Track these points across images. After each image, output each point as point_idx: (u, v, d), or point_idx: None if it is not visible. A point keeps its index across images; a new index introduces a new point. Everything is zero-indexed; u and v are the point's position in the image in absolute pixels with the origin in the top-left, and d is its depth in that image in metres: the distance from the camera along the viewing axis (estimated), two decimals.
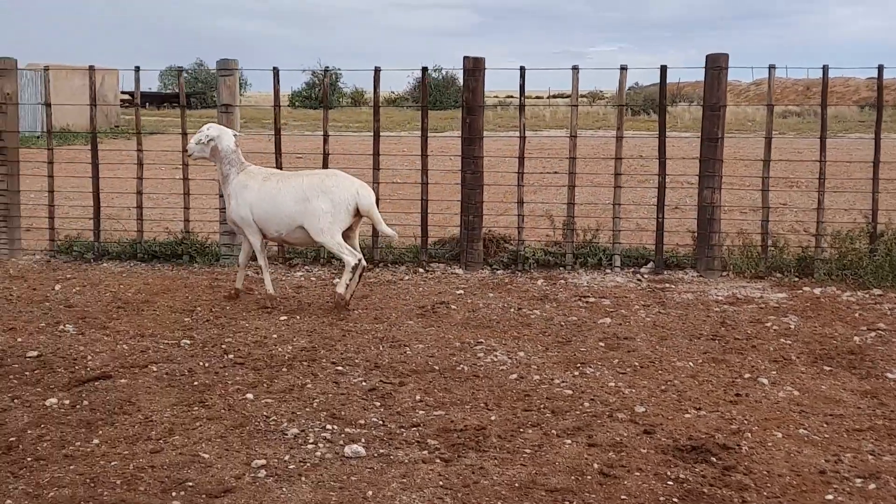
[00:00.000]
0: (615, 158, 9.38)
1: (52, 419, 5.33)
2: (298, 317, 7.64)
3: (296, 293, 8.45)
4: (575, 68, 9.24)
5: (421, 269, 9.37)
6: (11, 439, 5.04)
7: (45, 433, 5.13)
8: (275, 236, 8.00)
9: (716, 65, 9.05)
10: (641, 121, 35.67)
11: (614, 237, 9.39)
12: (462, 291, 8.50)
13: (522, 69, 9.22)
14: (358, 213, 7.80)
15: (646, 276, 9.12)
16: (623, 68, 9.23)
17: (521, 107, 9.51)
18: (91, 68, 10.08)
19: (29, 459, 4.79)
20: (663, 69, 9.25)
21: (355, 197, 7.75)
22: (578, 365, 6.42)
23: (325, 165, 9.58)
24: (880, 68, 9.23)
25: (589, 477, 4.67)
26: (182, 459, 4.81)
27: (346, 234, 7.85)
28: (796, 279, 9.04)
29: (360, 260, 7.80)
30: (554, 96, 58.23)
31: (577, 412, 5.54)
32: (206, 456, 4.86)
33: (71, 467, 4.69)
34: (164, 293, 8.37)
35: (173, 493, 4.44)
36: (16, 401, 5.64)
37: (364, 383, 6.02)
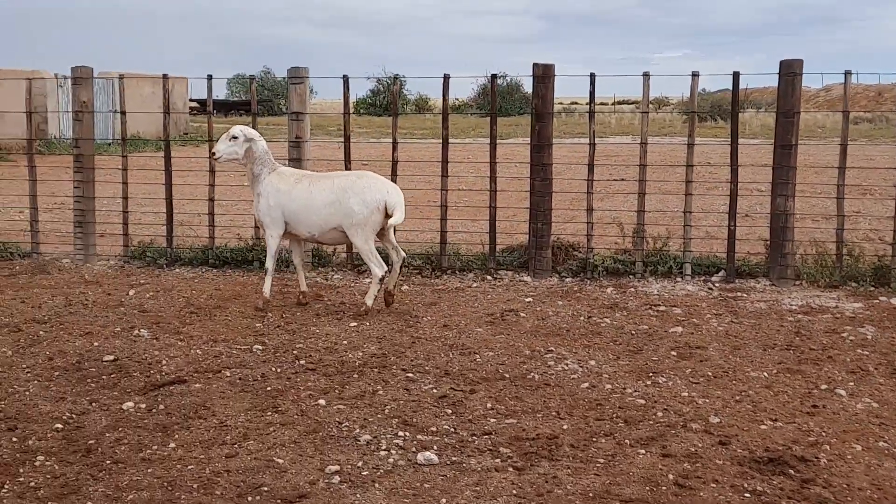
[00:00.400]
0: (686, 165, 9.28)
1: (130, 423, 5.42)
2: (368, 323, 7.67)
3: (364, 299, 8.48)
4: (646, 75, 9.18)
5: (489, 277, 9.35)
6: (90, 442, 5.13)
7: (123, 436, 5.21)
8: (307, 237, 8.15)
9: (790, 71, 8.92)
10: (708, 127, 35.31)
11: (685, 245, 9.30)
12: (531, 299, 8.48)
13: (592, 76, 9.18)
14: (388, 214, 7.86)
15: (717, 284, 9.02)
16: (695, 75, 9.14)
17: (591, 114, 9.46)
18: (164, 77, 10.23)
19: (108, 462, 4.87)
20: (735, 75, 9.15)
21: (385, 197, 7.84)
22: (650, 374, 6.36)
23: (393, 173, 9.61)
24: None
25: (664, 488, 4.63)
26: (257, 464, 4.85)
27: (381, 235, 8.01)
28: (872, 289, 8.87)
29: (386, 272, 7.98)
30: (619, 102, 57.97)
31: (651, 422, 5.49)
32: (281, 461, 4.90)
33: (149, 470, 4.76)
34: (236, 299, 8.46)
35: (249, 498, 4.48)
36: (94, 404, 5.74)
37: (435, 390, 6.03)
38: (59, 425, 5.38)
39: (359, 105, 55.45)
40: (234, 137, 8.09)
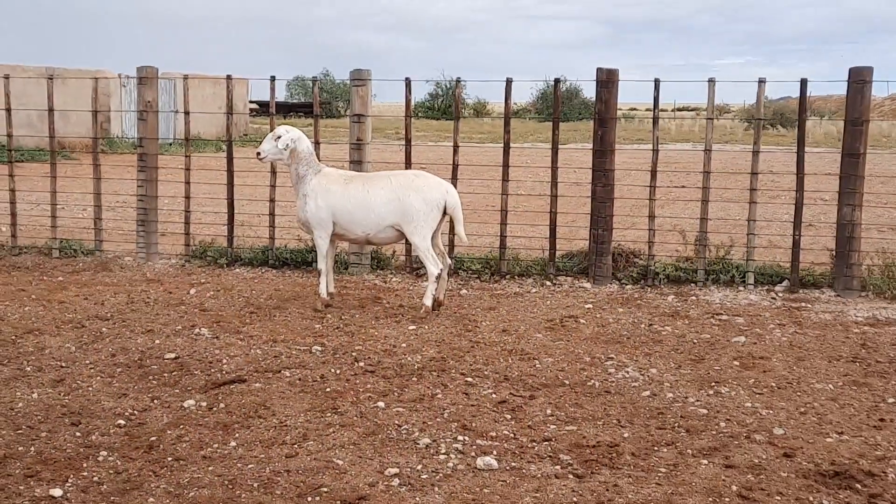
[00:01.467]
0: (751, 173, 9.15)
1: (191, 420, 5.45)
2: (427, 326, 7.66)
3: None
4: (711, 81, 9.06)
5: (548, 282, 9.30)
6: (152, 439, 5.17)
7: (184, 434, 5.24)
8: (361, 237, 8.12)
9: (859, 78, 8.76)
10: (770, 135, 34.85)
11: (748, 254, 9.16)
12: (591, 305, 8.41)
13: (657, 81, 9.08)
14: (444, 213, 7.98)
15: (780, 294, 8.88)
16: (761, 81, 9.01)
17: (655, 119, 9.36)
18: (228, 77, 10.31)
19: (169, 459, 4.90)
20: (803, 83, 9.00)
21: (444, 196, 7.94)
22: (713, 384, 6.27)
23: (454, 177, 9.59)
24: None
25: (727, 499, 4.55)
26: (317, 465, 4.85)
27: (432, 238, 8.05)
28: None
29: (441, 270, 8.00)
30: (678, 109, 57.49)
31: (713, 432, 5.40)
32: (340, 462, 4.89)
33: (209, 468, 4.78)
34: (295, 300, 8.49)
35: (308, 499, 4.48)
36: (155, 401, 5.78)
37: (494, 395, 6.00)
38: (122, 421, 5.43)
39: (416, 109, 55.60)
40: (279, 137, 8.04)
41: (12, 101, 10.61)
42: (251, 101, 43.24)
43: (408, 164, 9.77)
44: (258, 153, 8.09)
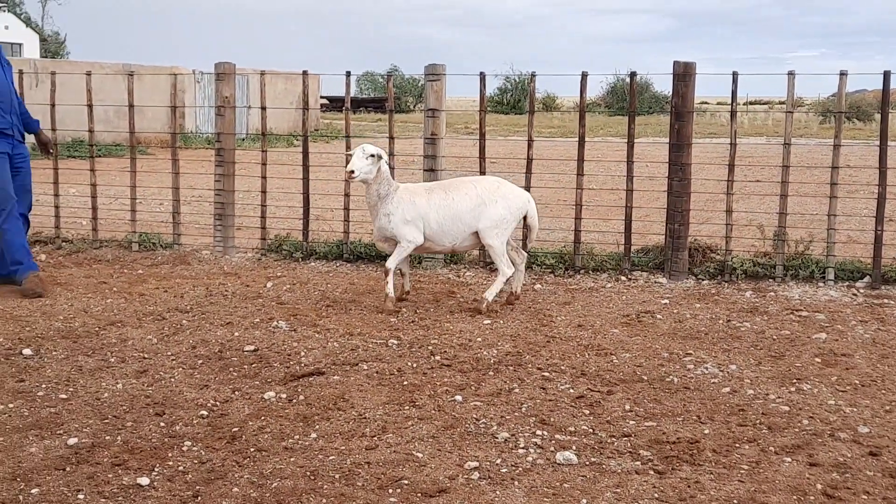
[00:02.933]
0: (832, 167, 8.99)
1: (272, 412, 5.51)
2: (502, 321, 7.66)
3: (498, 297, 8.46)
4: (791, 73, 8.92)
5: (623, 277, 9.23)
6: (234, 430, 5.24)
7: (266, 425, 5.30)
8: (447, 247, 8.11)
9: None
10: (846, 129, 34.17)
11: (828, 249, 9.01)
12: (667, 301, 8.34)
13: (735, 74, 8.95)
14: (525, 219, 8.17)
15: (862, 290, 8.72)
16: (842, 74, 8.84)
17: (733, 113, 9.23)
18: (304, 73, 10.40)
19: (252, 450, 4.96)
20: (886, 75, 8.81)
21: (526, 205, 8.09)
22: (794, 380, 6.18)
23: (528, 171, 9.58)
24: None
25: (812, 497, 4.49)
26: (396, 457, 4.88)
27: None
28: None
29: (514, 271, 8.08)
30: (750, 103, 56.72)
31: (796, 429, 5.33)
32: (420, 455, 4.92)
33: (291, 459, 4.83)
34: (370, 293, 8.55)
35: (389, 491, 4.51)
36: (236, 392, 5.86)
37: (571, 390, 5.98)
38: (204, 412, 5.51)
39: (486, 104, 55.54)
40: (372, 155, 7.74)
41: (91, 97, 10.82)
42: (321, 97, 43.61)
43: (481, 158, 9.76)
44: (351, 172, 7.66)
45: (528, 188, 9.60)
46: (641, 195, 11.64)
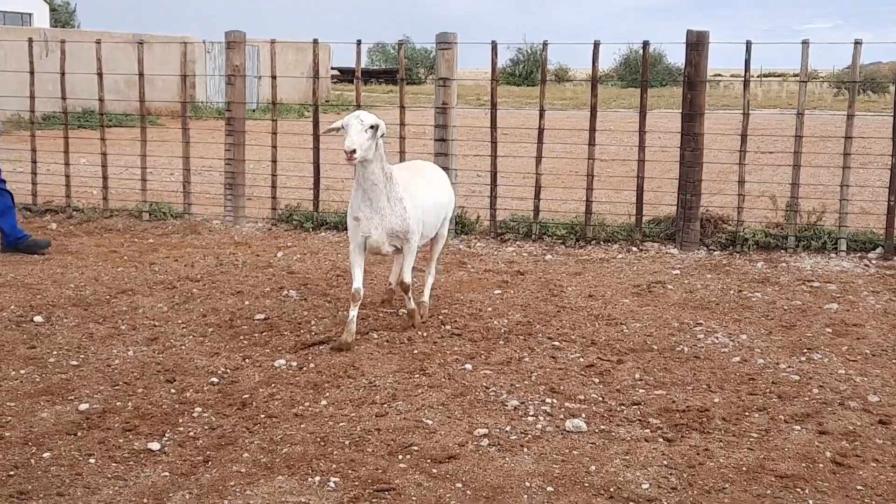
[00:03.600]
0: (845, 137, 8.93)
1: (282, 379, 5.52)
2: (512, 291, 7.65)
3: (508, 267, 8.46)
4: (805, 42, 8.84)
5: (634, 248, 9.21)
6: (245, 396, 5.25)
7: (276, 392, 5.31)
8: (426, 239, 6.83)
9: None
10: (860, 101, 33.90)
11: (840, 220, 8.96)
12: (678, 271, 8.31)
13: (748, 43, 8.88)
14: None
15: (874, 261, 8.67)
16: (857, 43, 8.76)
17: (746, 82, 9.16)
18: (315, 42, 10.35)
19: (262, 416, 4.98)
20: None
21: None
22: (805, 350, 6.17)
23: (539, 141, 9.54)
24: None
25: (821, 465, 4.48)
26: (406, 424, 4.89)
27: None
28: None
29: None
30: (764, 75, 56.37)
31: (806, 398, 5.32)
32: (430, 422, 4.93)
33: (301, 426, 4.85)
34: (380, 264, 8.54)
35: (399, 457, 4.52)
36: (247, 360, 5.88)
37: (581, 359, 5.97)
38: (215, 379, 5.53)
39: (498, 74, 55.30)
40: (372, 127, 5.92)
41: (101, 66, 10.80)
42: (332, 68, 43.48)
43: (493, 130, 9.71)
44: (353, 151, 5.76)
45: (539, 159, 9.58)
46: (654, 166, 11.59)
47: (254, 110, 27.10)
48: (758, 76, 53.15)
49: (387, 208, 6.17)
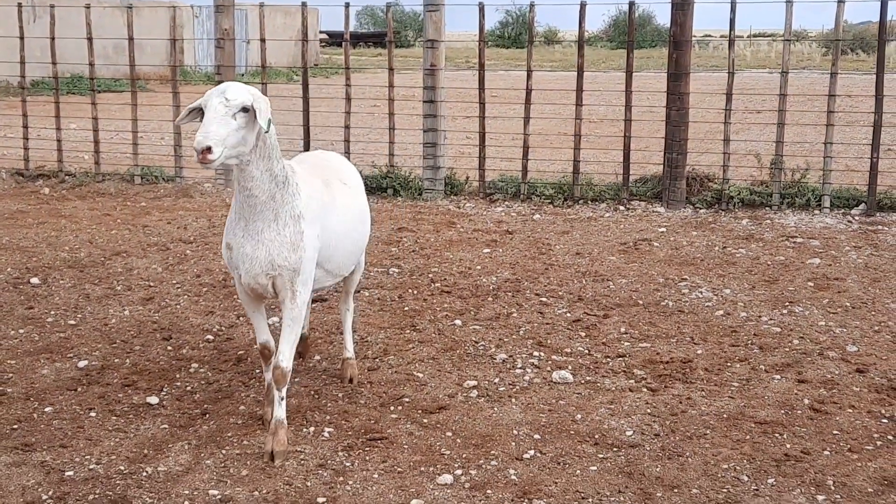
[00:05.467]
0: (828, 95, 9.03)
1: (276, 336, 5.53)
2: (501, 250, 7.77)
3: (497, 227, 8.58)
4: (789, 1, 8.93)
5: (621, 207, 9.32)
6: (240, 353, 5.40)
7: None
8: (336, 281, 4.88)
9: None
10: (849, 60, 34.03)
11: (824, 177, 9.08)
12: (664, 229, 8.44)
13: (733, 3, 8.96)
14: None
15: (857, 217, 8.81)
16: (840, 1, 8.85)
17: (731, 42, 9.26)
18: (303, 5, 10.39)
19: (257, 371, 5.11)
20: (883, 3, 8.82)
21: None
22: (786, 303, 6.31)
23: (527, 102, 9.62)
24: None
25: (799, 412, 4.64)
26: (398, 378, 5.03)
27: None
28: None
29: None
30: (754, 35, 56.27)
31: (786, 349, 5.47)
32: (420, 375, 5.07)
33: (296, 380, 4.98)
34: (371, 224, 8.62)
35: (391, 408, 4.67)
36: (241, 318, 6.00)
37: (568, 314, 6.11)
38: (210, 336, 5.66)
39: (486, 37, 55.10)
40: (245, 110, 3.99)
41: (90, 31, 10.82)
42: (321, 31, 43.31)
43: (481, 91, 9.79)
44: (205, 150, 3.85)
45: (527, 120, 9.67)
46: (642, 127, 11.68)
47: (242, 74, 27.03)
48: (747, 36, 53.15)
49: (267, 231, 4.19)
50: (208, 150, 3.85)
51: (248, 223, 4.19)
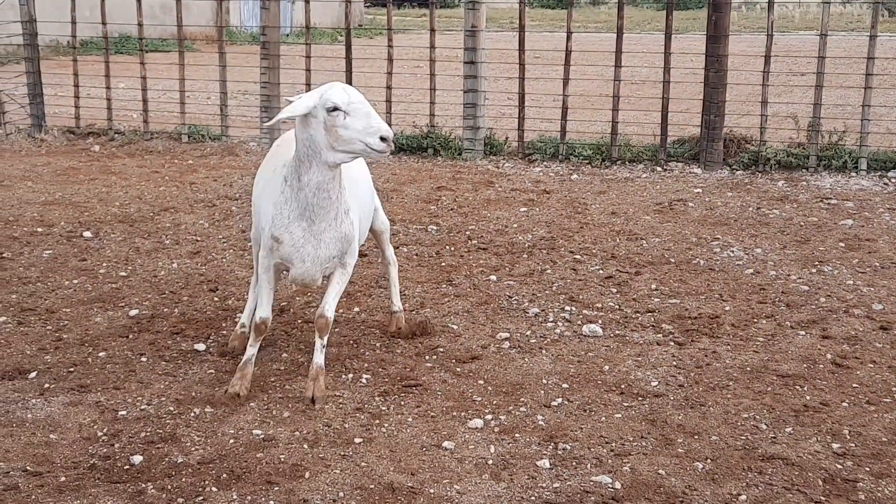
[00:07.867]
0: (867, 58, 9.05)
1: (317, 290, 5.86)
2: (537, 209, 7.93)
3: (534, 186, 8.72)
4: None
5: (658, 168, 9.42)
6: (283, 304, 5.63)
7: (311, 300, 5.68)
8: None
9: None
10: (893, 22, 33.51)
11: (861, 139, 9.12)
12: (700, 190, 8.54)
13: None
14: None
15: (893, 180, 8.84)
16: None
17: (770, 3, 9.30)
18: None
19: (299, 321, 5.35)
20: None
21: None
22: (816, 263, 6.43)
23: (566, 63, 9.71)
24: None
25: (821, 366, 4.79)
26: (433, 329, 5.23)
27: None
28: None
29: None
30: None
31: (813, 307, 5.61)
32: (455, 327, 5.27)
33: (336, 330, 5.19)
34: (411, 183, 8.83)
35: (426, 357, 4.88)
36: (284, 273, 6.21)
37: (601, 271, 6.28)
38: None
39: None
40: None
41: None
42: None
43: (521, 52, 9.90)
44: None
45: (566, 81, 9.77)
46: (683, 88, 11.74)
47: (287, 35, 27.21)
48: None
49: (329, 231, 4.32)
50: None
51: (312, 224, 4.27)
